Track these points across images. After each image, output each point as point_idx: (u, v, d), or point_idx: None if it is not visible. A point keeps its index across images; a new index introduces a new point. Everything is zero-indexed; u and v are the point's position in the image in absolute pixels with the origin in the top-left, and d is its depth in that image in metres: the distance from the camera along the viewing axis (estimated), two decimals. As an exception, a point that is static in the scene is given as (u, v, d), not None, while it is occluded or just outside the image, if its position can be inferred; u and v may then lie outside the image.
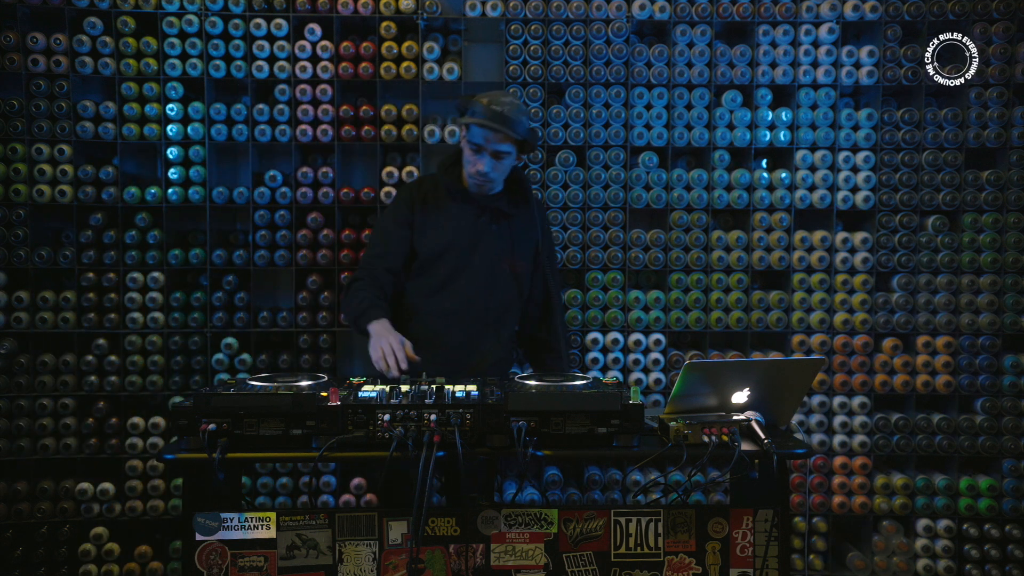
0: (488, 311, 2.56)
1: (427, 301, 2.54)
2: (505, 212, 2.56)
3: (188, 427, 1.81)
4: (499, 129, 2.36)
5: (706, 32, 3.12)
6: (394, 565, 1.89)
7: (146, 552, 3.11)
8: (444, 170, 2.59)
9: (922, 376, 3.16)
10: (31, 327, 3.06)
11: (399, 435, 1.79)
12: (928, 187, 3.16)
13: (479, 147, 2.41)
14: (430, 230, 2.54)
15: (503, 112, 2.37)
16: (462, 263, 2.53)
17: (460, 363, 2.49)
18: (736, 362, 2.24)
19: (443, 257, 2.53)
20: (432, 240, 2.53)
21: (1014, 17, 3.12)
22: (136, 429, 3.11)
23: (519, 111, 2.41)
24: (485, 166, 2.42)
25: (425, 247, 2.54)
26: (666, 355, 3.20)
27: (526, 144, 2.45)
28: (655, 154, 3.19)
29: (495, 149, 2.40)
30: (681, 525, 1.94)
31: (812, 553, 3.20)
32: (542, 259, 2.65)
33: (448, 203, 2.56)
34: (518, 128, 2.39)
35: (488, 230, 2.55)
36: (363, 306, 2.38)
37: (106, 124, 3.08)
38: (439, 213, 2.55)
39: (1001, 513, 3.14)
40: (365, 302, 2.39)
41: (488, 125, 2.36)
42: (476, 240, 2.54)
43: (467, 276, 2.53)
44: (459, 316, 2.52)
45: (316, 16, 3.10)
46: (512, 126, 2.37)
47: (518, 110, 2.41)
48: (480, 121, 2.37)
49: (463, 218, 2.54)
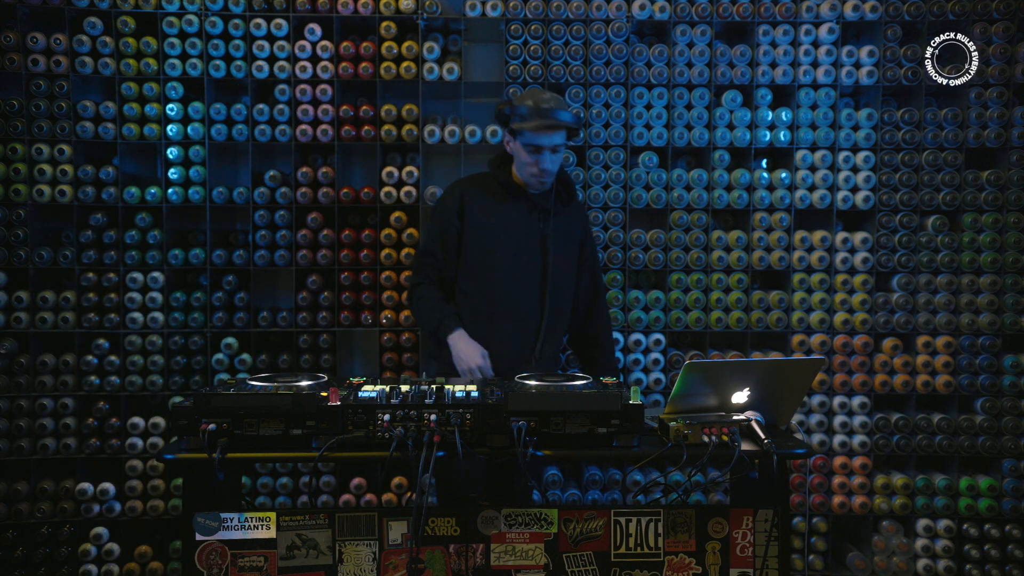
0: (541, 310, 2.56)
1: (482, 300, 2.55)
2: (553, 210, 2.57)
3: (188, 427, 1.81)
4: (559, 126, 2.40)
5: (706, 32, 3.12)
6: (394, 565, 1.89)
7: (146, 552, 3.12)
8: (496, 167, 2.60)
9: (922, 376, 3.16)
10: (31, 327, 3.06)
11: (399, 435, 1.79)
12: (928, 187, 3.16)
13: (539, 147, 2.43)
14: (481, 229, 2.55)
15: (553, 107, 2.41)
16: (514, 261, 2.54)
17: (514, 364, 2.50)
18: (736, 362, 2.24)
19: (495, 256, 2.54)
20: (484, 239, 2.54)
21: (1014, 17, 3.12)
22: (136, 429, 3.11)
23: (562, 101, 2.47)
24: (549, 163, 2.45)
25: (476, 246, 2.55)
26: (666, 355, 3.20)
27: (574, 132, 2.49)
28: (655, 154, 3.19)
29: (553, 144, 2.43)
30: (681, 525, 1.94)
31: (812, 553, 3.20)
32: (586, 256, 2.68)
33: (499, 201, 2.56)
34: (572, 119, 2.44)
35: (538, 228, 2.56)
36: (438, 316, 2.48)
37: (106, 124, 3.08)
38: (490, 212, 2.55)
39: (1001, 513, 3.14)
40: (438, 311, 2.49)
41: (545, 125, 2.39)
42: (528, 238, 2.55)
43: (519, 274, 2.54)
44: (513, 315, 2.54)
45: (316, 16, 3.10)
46: (568, 118, 2.43)
47: (561, 101, 2.46)
48: (541, 124, 2.39)
49: (514, 216, 2.55)
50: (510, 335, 2.54)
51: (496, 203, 2.56)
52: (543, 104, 2.41)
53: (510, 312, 2.54)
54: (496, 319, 2.53)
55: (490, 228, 2.54)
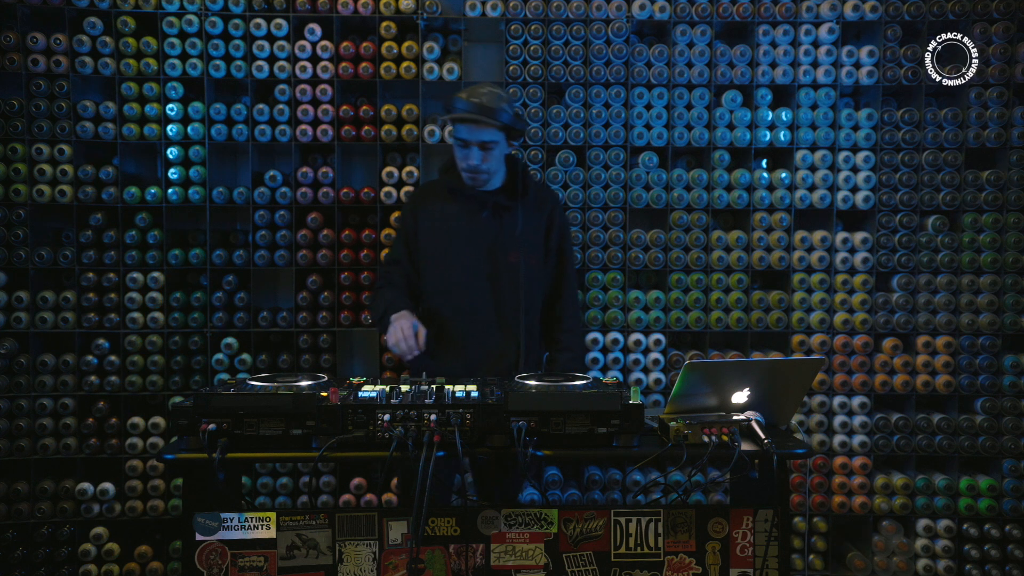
0: (504, 307, 2.53)
1: (441, 304, 2.53)
2: (506, 205, 2.54)
3: (188, 427, 1.81)
4: (479, 119, 2.37)
5: (706, 32, 3.12)
6: (394, 565, 1.89)
7: (146, 552, 3.12)
8: (444, 171, 2.60)
9: (922, 376, 3.16)
10: (31, 327, 3.06)
11: (399, 435, 1.79)
12: (928, 187, 3.16)
13: (465, 142, 2.41)
14: (432, 232, 2.54)
15: (482, 102, 2.37)
16: (469, 261, 2.52)
17: (483, 364, 2.49)
18: (736, 362, 2.24)
19: (448, 257, 2.53)
20: (435, 241, 2.53)
21: (1014, 17, 3.12)
22: (136, 429, 3.11)
23: (499, 98, 2.41)
24: (475, 159, 2.43)
25: (428, 249, 2.54)
26: (666, 355, 3.20)
27: (512, 130, 2.45)
28: (655, 154, 3.19)
29: (480, 140, 2.40)
30: (681, 525, 1.94)
31: (812, 553, 3.20)
32: (552, 245, 2.62)
33: (449, 203, 2.55)
34: (500, 116, 2.39)
35: (491, 225, 2.53)
36: (384, 304, 2.45)
37: (106, 124, 3.08)
38: (440, 214, 2.55)
39: (1001, 513, 3.14)
40: (386, 301, 2.46)
41: (468, 118, 2.37)
42: (480, 236, 2.52)
43: (476, 274, 2.52)
44: (476, 316, 2.51)
45: (316, 16, 3.10)
46: (493, 114, 2.37)
47: (498, 97, 2.41)
48: (460, 115, 2.38)
49: (465, 216, 2.53)
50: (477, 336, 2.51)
51: (445, 205, 2.55)
52: (474, 98, 2.38)
53: (473, 312, 2.51)
54: (460, 320, 2.51)
55: (440, 230, 2.53)
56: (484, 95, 2.40)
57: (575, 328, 2.67)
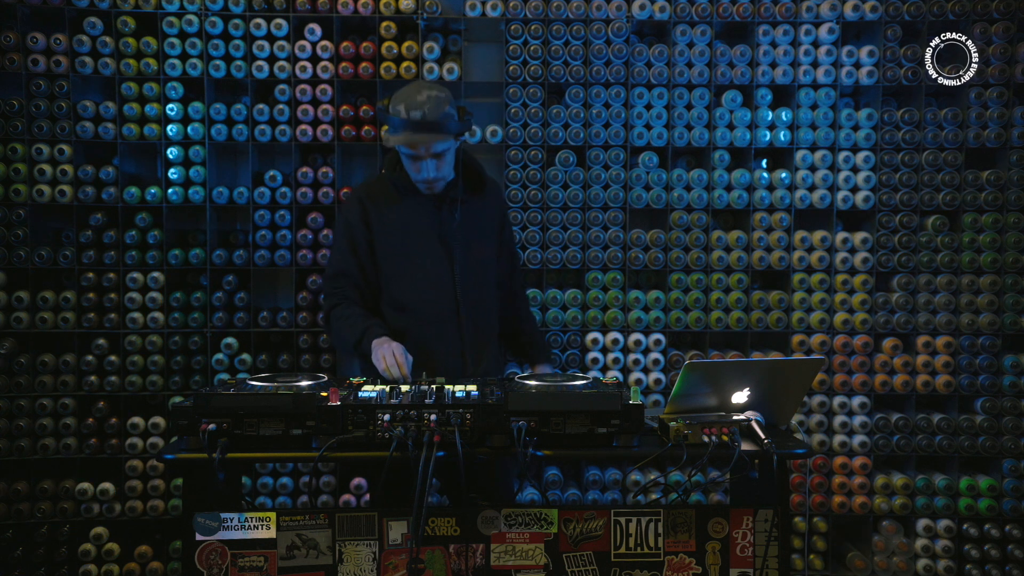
0: (469, 305, 2.41)
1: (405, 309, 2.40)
2: (462, 199, 2.41)
3: (188, 427, 1.81)
4: (427, 139, 2.21)
5: (706, 32, 3.12)
6: (394, 565, 1.89)
7: (146, 552, 3.12)
8: (391, 168, 2.42)
9: (922, 376, 3.16)
10: (31, 327, 3.06)
11: (399, 435, 1.79)
12: (928, 187, 3.16)
13: (415, 156, 2.26)
14: (391, 232, 2.39)
15: (425, 116, 2.19)
16: (424, 261, 2.38)
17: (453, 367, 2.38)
18: (736, 362, 2.24)
19: (405, 259, 2.39)
20: (396, 241, 2.39)
21: (1014, 17, 3.12)
22: (136, 429, 3.11)
23: (439, 103, 2.22)
24: (430, 172, 2.28)
25: (392, 252, 2.39)
26: (666, 355, 3.20)
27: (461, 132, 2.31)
28: (655, 154, 3.19)
29: (432, 152, 2.25)
30: (681, 525, 1.94)
31: (812, 553, 3.20)
32: (506, 237, 2.56)
33: (402, 203, 2.40)
34: (447, 126, 2.23)
35: (451, 220, 2.39)
36: (359, 329, 2.27)
37: (106, 124, 3.08)
38: (396, 213, 2.39)
39: (1001, 513, 3.14)
40: (359, 325, 2.28)
41: (414, 140, 2.21)
42: (441, 233, 2.39)
43: (432, 274, 2.38)
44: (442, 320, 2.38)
45: (316, 16, 3.10)
46: (439, 128, 2.21)
47: (438, 102, 2.22)
48: (405, 138, 2.22)
49: (423, 213, 2.39)
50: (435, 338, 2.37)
51: (396, 205, 2.39)
52: (414, 112, 2.19)
53: (429, 315, 2.37)
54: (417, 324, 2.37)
55: (395, 231, 2.38)
56: (424, 104, 2.20)
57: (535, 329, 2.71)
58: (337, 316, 2.37)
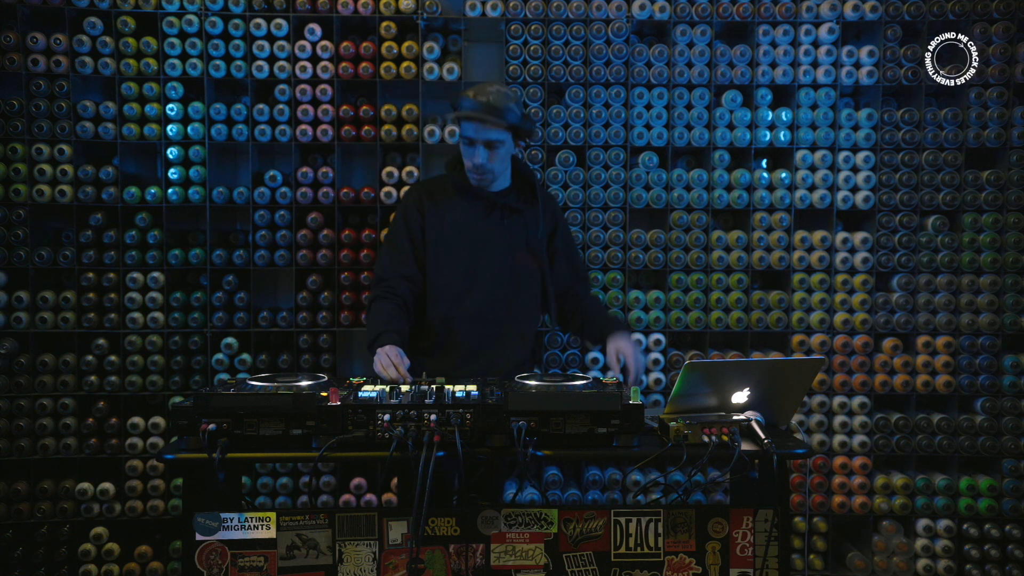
0: (508, 309, 2.48)
1: (446, 304, 2.46)
2: (515, 207, 2.51)
3: (188, 427, 1.81)
4: (485, 118, 2.33)
5: (706, 32, 3.12)
6: (394, 565, 1.89)
7: (146, 552, 3.12)
8: (451, 168, 2.55)
9: (922, 376, 3.16)
10: (31, 327, 3.06)
11: (399, 435, 1.79)
12: (928, 187, 3.16)
13: (471, 140, 2.37)
14: (441, 229, 2.48)
15: (489, 101, 2.34)
16: (476, 261, 2.47)
17: (485, 365, 2.43)
18: (736, 362, 2.24)
19: (456, 255, 2.47)
20: (445, 238, 2.48)
21: (1014, 17, 3.12)
22: (136, 429, 3.11)
23: (506, 98, 2.38)
24: (480, 158, 2.38)
25: (438, 246, 2.48)
26: (666, 355, 3.20)
27: (520, 130, 2.41)
28: (655, 154, 3.19)
29: (486, 139, 2.36)
30: (681, 525, 1.93)
31: (812, 553, 3.20)
32: (558, 247, 2.60)
33: (457, 201, 2.50)
34: (507, 115, 2.35)
35: (499, 226, 2.49)
36: (378, 330, 2.33)
37: (106, 124, 3.08)
38: (449, 211, 2.49)
39: (1001, 513, 3.14)
40: (379, 326, 2.33)
41: (474, 116, 2.34)
42: (488, 237, 2.48)
43: (483, 274, 2.47)
44: (480, 316, 2.45)
45: (316, 16, 3.10)
46: (499, 113, 2.34)
47: (505, 97, 2.38)
48: (467, 113, 2.35)
49: (473, 215, 2.49)
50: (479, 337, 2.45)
51: (453, 203, 2.50)
52: (481, 97, 2.35)
53: (477, 313, 2.45)
54: (464, 321, 2.45)
55: (449, 227, 2.48)
56: (492, 94, 2.36)
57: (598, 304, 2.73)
58: (373, 309, 2.43)
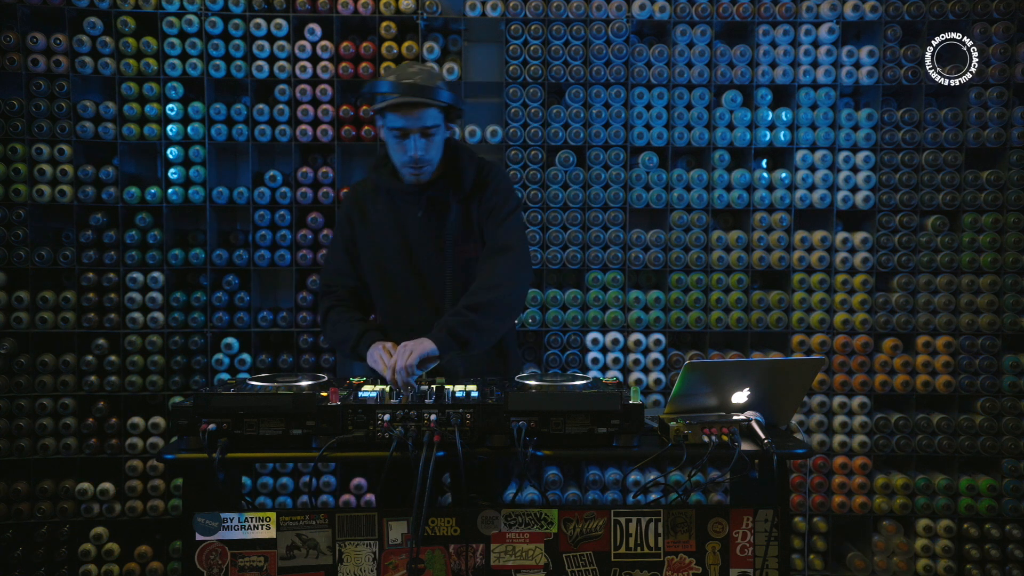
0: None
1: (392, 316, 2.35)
2: (443, 199, 2.27)
3: (188, 427, 1.81)
4: (420, 101, 2.09)
5: (706, 32, 3.12)
6: (394, 565, 1.89)
7: (146, 552, 3.12)
8: (375, 168, 2.36)
9: (922, 376, 3.16)
10: (31, 327, 3.06)
11: (399, 435, 1.79)
12: (928, 187, 3.16)
13: (403, 131, 2.13)
14: (372, 237, 2.33)
15: (416, 83, 2.10)
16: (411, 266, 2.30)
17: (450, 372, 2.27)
18: (736, 362, 2.24)
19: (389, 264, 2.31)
20: (377, 247, 2.32)
21: (1014, 17, 3.12)
22: (136, 429, 3.11)
23: (433, 76, 2.16)
24: (417, 149, 2.15)
25: (371, 257, 2.33)
26: (666, 355, 3.20)
27: (452, 109, 2.19)
28: (655, 154, 3.19)
29: (421, 126, 2.13)
30: (681, 525, 1.94)
31: (812, 553, 3.20)
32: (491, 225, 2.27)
33: (384, 204, 2.32)
34: (439, 94, 2.12)
35: (430, 224, 2.28)
36: (356, 333, 2.22)
37: (106, 124, 3.08)
38: (377, 217, 2.32)
39: (1001, 513, 3.14)
40: (356, 329, 2.23)
41: (406, 100, 2.09)
42: (423, 238, 2.29)
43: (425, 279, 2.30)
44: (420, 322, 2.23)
45: (316, 16, 3.10)
46: (433, 93, 2.11)
47: (431, 75, 2.15)
48: (395, 101, 2.09)
49: (403, 217, 2.29)
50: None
51: (380, 208, 2.31)
52: (406, 79, 2.10)
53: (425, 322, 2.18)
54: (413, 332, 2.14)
55: (379, 235, 2.30)
56: (416, 74, 2.13)
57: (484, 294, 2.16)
58: (332, 320, 2.33)
